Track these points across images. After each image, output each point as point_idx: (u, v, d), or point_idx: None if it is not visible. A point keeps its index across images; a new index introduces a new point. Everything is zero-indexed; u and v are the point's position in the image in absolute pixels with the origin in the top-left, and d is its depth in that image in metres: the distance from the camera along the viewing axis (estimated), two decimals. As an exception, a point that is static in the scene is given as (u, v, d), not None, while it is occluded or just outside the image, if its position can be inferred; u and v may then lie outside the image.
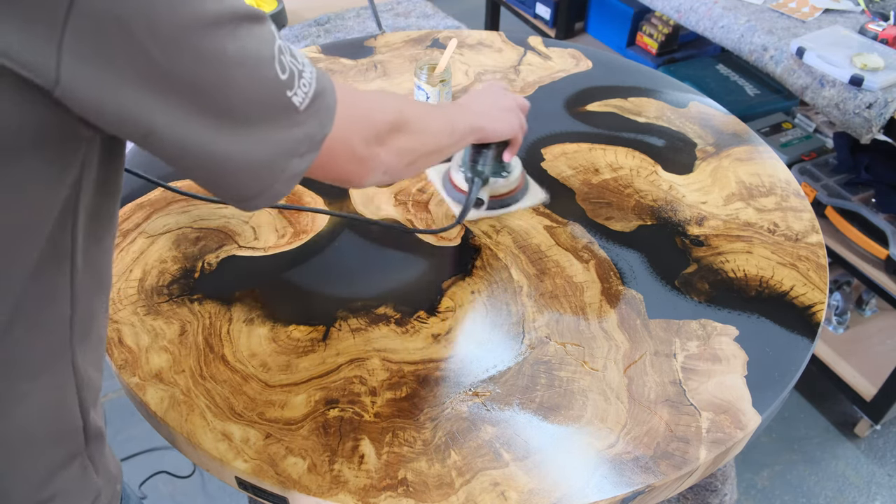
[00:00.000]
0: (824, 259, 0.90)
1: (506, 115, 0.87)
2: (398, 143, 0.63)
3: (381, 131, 0.61)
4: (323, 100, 0.52)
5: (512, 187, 0.96)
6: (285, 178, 0.51)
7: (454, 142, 0.76)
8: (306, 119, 0.50)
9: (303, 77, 0.49)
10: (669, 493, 0.71)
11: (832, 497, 1.58)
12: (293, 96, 0.48)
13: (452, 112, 0.80)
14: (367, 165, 0.60)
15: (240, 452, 0.68)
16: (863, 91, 1.29)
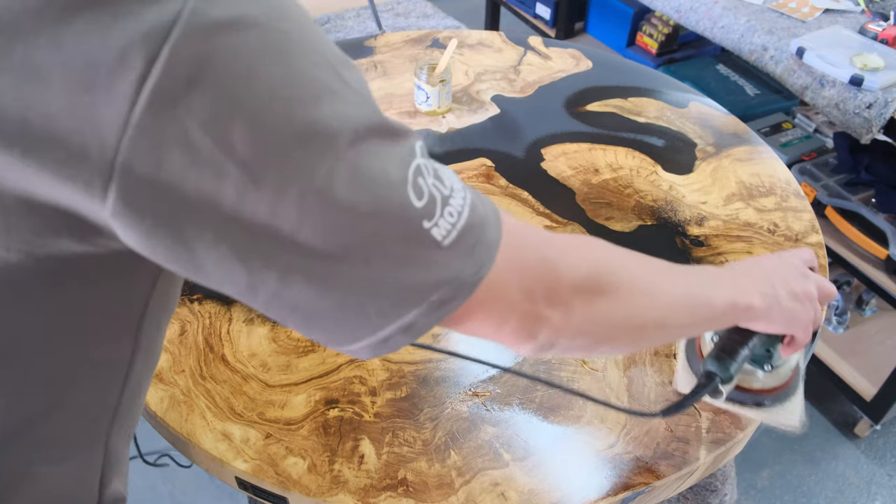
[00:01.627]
0: (824, 259, 0.90)
1: (793, 304, 0.60)
2: (586, 309, 0.46)
3: (560, 288, 0.45)
4: (479, 234, 0.40)
5: (770, 386, 0.69)
6: (409, 329, 0.39)
7: (698, 321, 0.55)
8: (451, 258, 0.39)
9: (449, 204, 0.39)
10: (669, 493, 0.71)
11: (832, 497, 1.58)
12: (433, 228, 0.38)
13: (706, 279, 0.57)
14: (531, 329, 0.44)
15: (240, 452, 0.68)
16: (863, 91, 1.29)
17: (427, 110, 1.15)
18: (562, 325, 0.45)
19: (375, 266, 0.37)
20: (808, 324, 0.62)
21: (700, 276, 0.57)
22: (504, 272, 0.42)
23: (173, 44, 0.30)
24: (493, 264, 0.41)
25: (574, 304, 0.45)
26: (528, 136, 1.11)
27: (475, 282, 0.40)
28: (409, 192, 0.37)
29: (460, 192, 0.40)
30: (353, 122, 0.35)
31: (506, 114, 1.16)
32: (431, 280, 0.38)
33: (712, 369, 0.62)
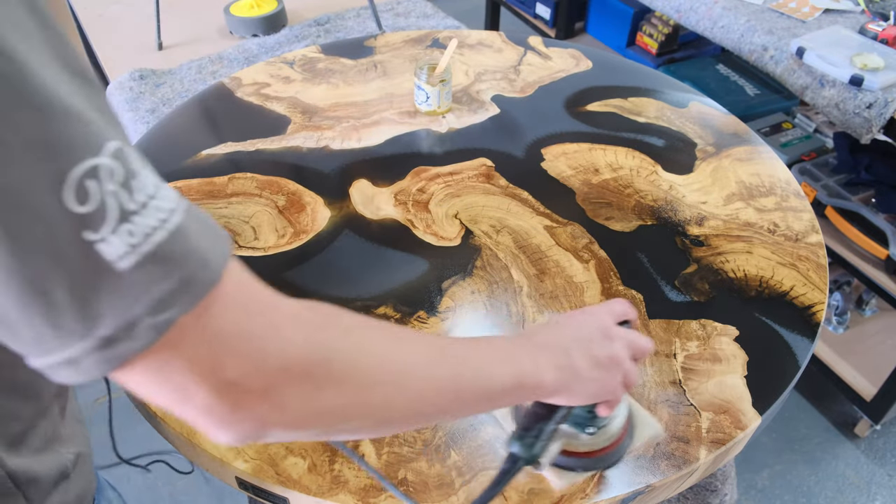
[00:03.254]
0: (824, 259, 0.90)
1: (595, 373, 0.55)
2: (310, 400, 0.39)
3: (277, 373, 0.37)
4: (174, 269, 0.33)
5: (599, 447, 0.65)
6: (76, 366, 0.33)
7: (471, 404, 0.48)
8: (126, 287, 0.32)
9: (131, 221, 0.32)
10: (669, 493, 0.71)
11: (832, 497, 1.58)
12: (99, 243, 0.31)
13: (486, 357, 0.50)
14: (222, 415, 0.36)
15: (240, 452, 0.68)
16: (863, 91, 1.29)
17: (427, 110, 1.15)
18: (269, 416, 0.37)
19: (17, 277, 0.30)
20: (617, 388, 0.57)
21: (480, 353, 0.50)
22: (201, 332, 0.34)
23: None
24: (186, 314, 0.33)
25: (288, 394, 0.37)
26: (528, 136, 1.11)
27: (156, 328, 0.33)
28: (65, 191, 0.30)
29: (161, 212, 0.33)
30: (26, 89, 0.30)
31: (506, 114, 1.16)
32: (97, 308, 0.32)
33: (515, 451, 0.56)
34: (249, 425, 0.37)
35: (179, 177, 1.02)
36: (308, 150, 1.08)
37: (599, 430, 0.64)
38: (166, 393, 0.35)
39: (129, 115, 1.40)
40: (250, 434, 0.38)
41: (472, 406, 0.49)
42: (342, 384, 0.39)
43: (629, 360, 0.58)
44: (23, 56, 0.30)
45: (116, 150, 0.32)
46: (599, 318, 0.58)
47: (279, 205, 0.97)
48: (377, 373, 0.42)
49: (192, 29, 1.70)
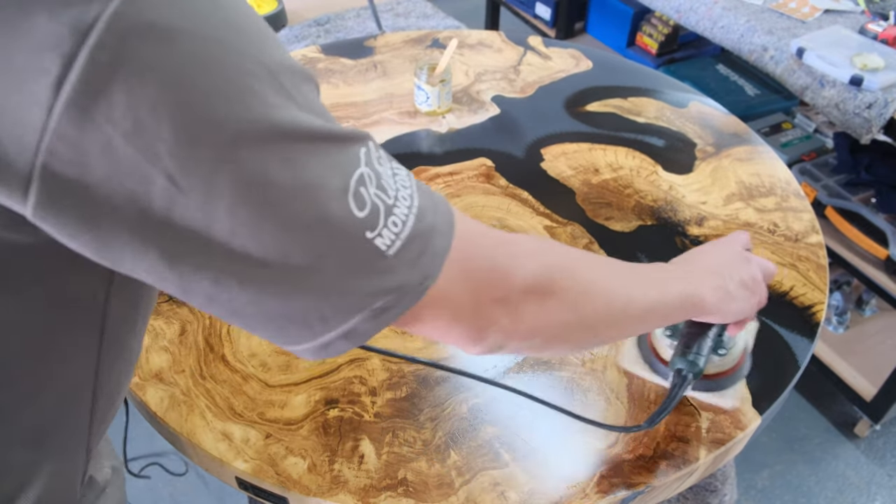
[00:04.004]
0: (824, 259, 0.90)
1: (743, 292, 0.62)
2: (537, 311, 0.46)
3: (510, 291, 0.44)
4: (426, 243, 0.39)
5: (727, 367, 0.73)
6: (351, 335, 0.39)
7: (651, 318, 0.55)
8: (395, 266, 0.38)
9: (393, 214, 0.38)
10: (669, 493, 0.71)
11: (832, 497, 1.58)
12: (376, 238, 0.37)
13: (657, 276, 0.57)
14: (480, 333, 0.44)
15: (240, 452, 0.68)
16: (863, 91, 1.29)
17: (427, 110, 1.15)
18: (511, 327, 0.45)
19: (315, 275, 0.36)
20: (754, 307, 0.65)
21: (652, 273, 0.57)
22: (452, 279, 0.41)
23: (91, 48, 0.29)
24: (440, 273, 0.40)
25: (524, 307, 0.45)
26: (528, 136, 1.11)
27: (421, 290, 0.40)
28: (350, 203, 0.36)
29: (405, 200, 0.39)
30: (288, 128, 0.34)
31: (506, 114, 1.16)
32: (374, 288, 0.38)
33: (682, 367, 0.64)
34: (495, 338, 0.45)
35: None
36: (308, 150, 1.08)
37: (728, 351, 0.71)
38: (434, 329, 0.44)
39: (129, 115, 1.40)
40: (496, 346, 0.46)
41: (650, 322, 0.56)
42: (563, 296, 0.47)
43: (763, 282, 0.66)
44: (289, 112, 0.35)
45: (366, 156, 0.38)
46: (736, 246, 0.66)
47: (279, 205, 0.97)
48: (588, 286, 0.49)
49: (192, 29, 1.70)
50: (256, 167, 0.33)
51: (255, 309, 0.37)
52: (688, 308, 0.58)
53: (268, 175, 0.33)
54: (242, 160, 0.33)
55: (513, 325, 0.45)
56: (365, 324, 0.39)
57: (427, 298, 0.41)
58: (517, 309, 0.45)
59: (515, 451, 0.68)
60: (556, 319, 0.47)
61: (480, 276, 0.43)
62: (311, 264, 0.36)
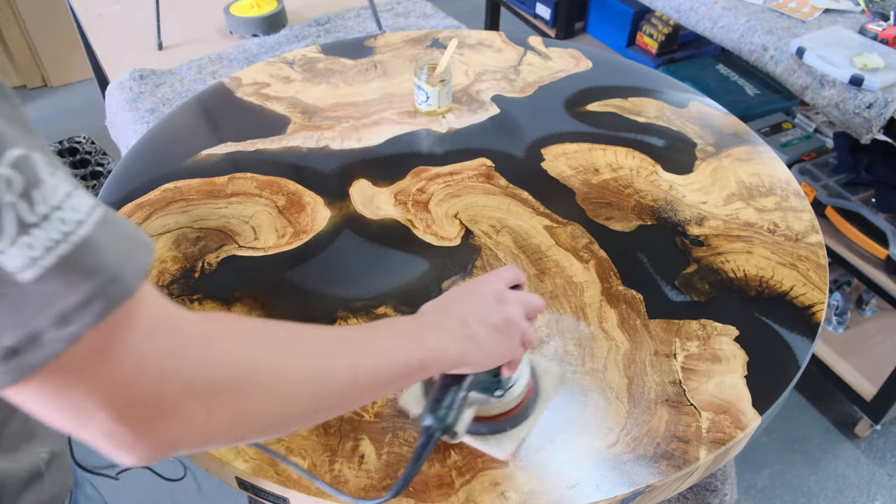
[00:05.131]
0: (824, 259, 0.90)
1: (494, 336, 0.58)
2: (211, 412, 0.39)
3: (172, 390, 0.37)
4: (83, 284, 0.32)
5: (509, 407, 0.68)
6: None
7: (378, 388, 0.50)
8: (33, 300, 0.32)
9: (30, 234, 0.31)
10: (669, 493, 0.71)
11: (832, 497, 1.58)
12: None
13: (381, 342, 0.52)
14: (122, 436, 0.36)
15: (240, 452, 0.68)
16: (863, 91, 1.29)
17: (427, 110, 1.15)
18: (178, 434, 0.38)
19: None
20: (516, 348, 0.60)
21: (381, 338, 0.52)
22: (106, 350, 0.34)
23: None
24: (92, 328, 0.33)
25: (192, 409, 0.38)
26: (528, 136, 1.11)
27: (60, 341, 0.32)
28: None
29: (66, 225, 0.32)
30: None
31: (506, 114, 1.16)
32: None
33: (429, 423, 0.59)
34: (155, 446, 0.37)
35: (179, 177, 1.02)
36: (308, 150, 1.08)
37: (507, 392, 0.66)
38: (66, 413, 0.35)
39: (129, 115, 1.40)
40: (156, 454, 0.38)
41: (380, 390, 0.50)
42: (244, 394, 0.40)
43: (524, 320, 0.61)
44: None
45: (18, 159, 0.32)
46: (491, 285, 0.61)
47: (279, 205, 0.97)
48: (278, 378, 0.42)
49: (192, 29, 1.70)
50: None
51: None
52: (428, 368, 0.53)
53: None
54: None
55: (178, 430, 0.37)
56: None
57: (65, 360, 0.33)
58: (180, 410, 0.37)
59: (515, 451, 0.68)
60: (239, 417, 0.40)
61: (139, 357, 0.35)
62: None
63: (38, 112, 2.78)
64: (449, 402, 0.59)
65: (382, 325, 0.55)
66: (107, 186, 1.01)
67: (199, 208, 0.96)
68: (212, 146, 1.09)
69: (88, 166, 1.98)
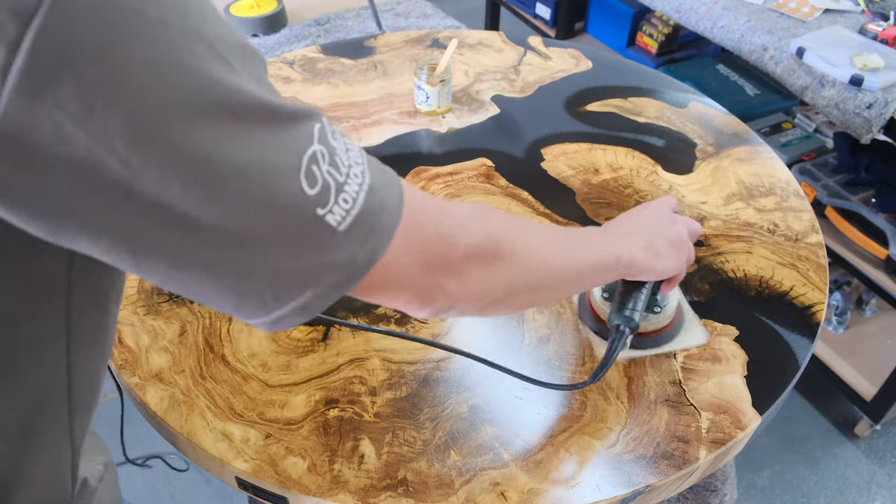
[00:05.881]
0: (824, 259, 0.90)
1: (670, 251, 0.67)
2: (481, 276, 0.49)
3: (456, 259, 0.47)
4: (375, 219, 0.41)
5: (663, 325, 0.77)
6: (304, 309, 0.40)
7: (586, 278, 0.60)
8: (345, 242, 0.39)
9: (344, 191, 0.39)
10: (669, 493, 0.71)
11: (832, 497, 1.58)
12: (327, 214, 0.38)
13: (589, 239, 0.62)
14: (429, 298, 0.47)
15: (240, 452, 0.68)
16: (863, 91, 1.29)
17: (427, 110, 1.15)
18: (458, 292, 0.48)
19: (268, 251, 0.37)
20: (683, 264, 0.69)
21: (585, 237, 0.63)
22: (401, 251, 0.43)
23: (35, 33, 0.29)
24: (388, 247, 0.42)
25: (470, 272, 0.48)
26: (528, 136, 1.11)
27: (369, 264, 0.41)
28: (302, 180, 0.37)
29: (357, 178, 0.40)
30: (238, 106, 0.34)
31: (506, 114, 1.16)
32: (326, 263, 0.39)
33: (619, 322, 0.69)
34: (443, 302, 0.48)
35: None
36: (308, 150, 1.08)
37: (663, 309, 0.75)
38: (384, 297, 0.46)
39: (129, 115, 1.40)
40: (443, 309, 0.49)
41: (590, 280, 0.61)
42: (506, 259, 0.50)
43: (689, 240, 0.70)
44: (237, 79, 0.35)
45: (319, 132, 0.39)
46: (663, 208, 0.71)
47: (279, 205, 0.97)
48: (530, 250, 0.53)
49: (192, 29, 1.70)
50: (209, 146, 0.33)
51: (209, 285, 0.38)
52: (620, 267, 0.62)
53: (220, 153, 0.34)
54: (194, 140, 0.33)
55: (459, 290, 0.48)
56: (317, 299, 0.40)
57: (377, 270, 0.42)
58: (463, 274, 0.48)
59: (515, 451, 0.68)
60: (500, 282, 0.51)
61: (427, 246, 0.45)
62: (263, 241, 0.37)
63: (38, 112, 2.78)
64: (633, 305, 0.69)
65: (586, 230, 0.69)
66: (107, 186, 1.01)
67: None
68: (212, 146, 1.09)
69: (88, 166, 1.98)
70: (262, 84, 0.37)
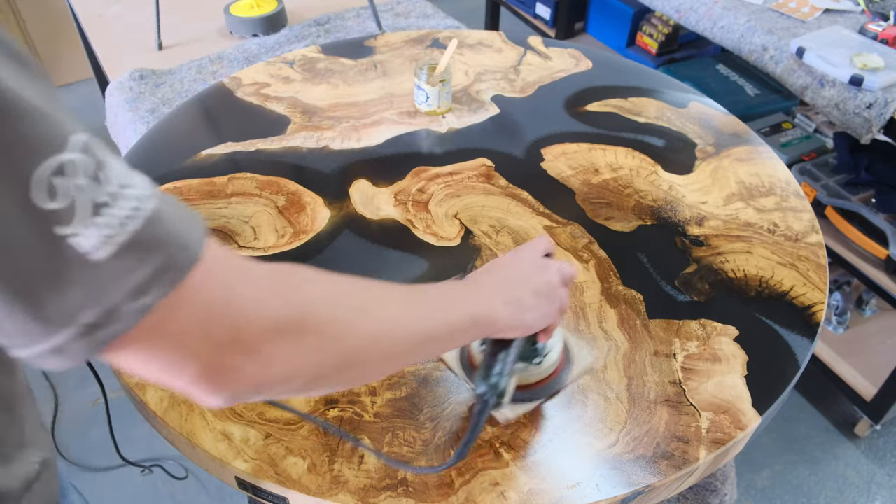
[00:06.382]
0: (824, 259, 0.90)
1: (539, 302, 0.61)
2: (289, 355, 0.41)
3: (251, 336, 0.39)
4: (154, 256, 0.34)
5: (548, 372, 0.72)
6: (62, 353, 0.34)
7: (435, 344, 0.53)
8: (103, 276, 0.33)
9: (102, 214, 0.33)
10: (669, 493, 0.71)
11: (832, 497, 1.58)
12: (72, 237, 0.32)
13: (440, 300, 0.55)
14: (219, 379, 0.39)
15: (240, 452, 0.68)
16: (863, 91, 1.29)
17: (427, 110, 1.15)
18: (260, 374, 0.40)
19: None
20: (555, 313, 0.63)
21: (435, 297, 0.55)
22: (183, 309, 0.36)
23: None
24: (166, 296, 0.35)
25: (273, 351, 0.40)
26: (528, 136, 1.11)
27: (138, 311, 0.34)
28: (34, 189, 0.31)
29: (133, 200, 0.34)
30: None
31: (506, 114, 1.16)
32: (78, 299, 0.33)
33: (483, 391, 0.61)
34: (239, 387, 0.40)
35: (179, 177, 1.02)
36: (308, 150, 1.08)
37: (544, 359, 0.70)
38: (157, 369, 0.37)
39: (129, 115, 1.40)
40: (240, 395, 0.41)
41: (436, 347, 0.54)
42: (319, 336, 0.42)
43: (562, 286, 0.64)
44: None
45: (84, 144, 0.33)
46: (530, 254, 0.64)
47: (279, 205, 0.97)
48: (351, 319, 0.45)
49: (192, 29, 1.70)
50: None
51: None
52: (477, 329, 0.56)
53: None
54: None
55: (261, 373, 0.40)
56: (75, 343, 0.33)
57: (150, 326, 0.35)
58: (263, 354, 0.40)
59: (515, 451, 0.68)
60: (315, 360, 0.43)
61: (219, 313, 0.38)
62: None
63: (38, 112, 2.78)
64: (500, 369, 0.62)
65: (437, 286, 0.57)
66: (107, 186, 1.01)
67: (199, 208, 0.96)
68: (212, 146, 1.09)
69: (88, 166, 1.98)
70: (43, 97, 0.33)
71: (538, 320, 0.61)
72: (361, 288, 0.49)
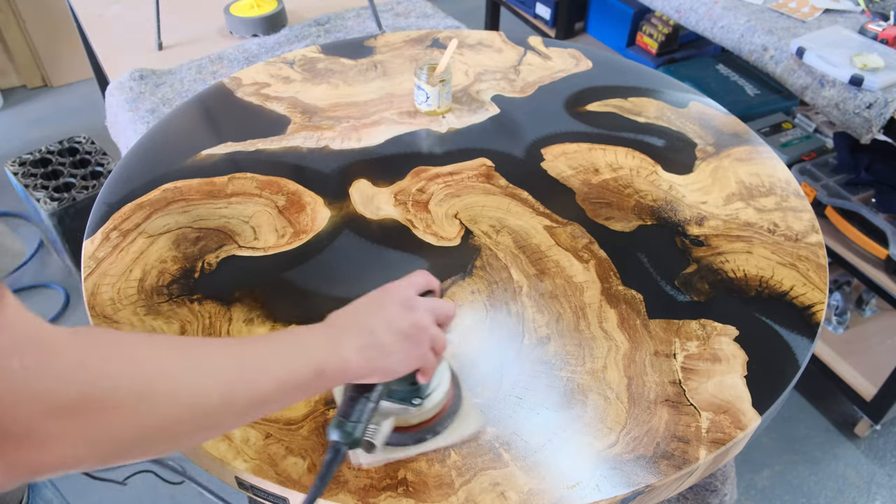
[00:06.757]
0: (824, 259, 0.90)
1: (402, 344, 0.57)
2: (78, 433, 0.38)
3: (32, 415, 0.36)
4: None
5: (431, 414, 0.67)
6: None
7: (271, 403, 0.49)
8: None
9: None
10: (669, 493, 0.71)
11: (832, 497, 1.58)
12: None
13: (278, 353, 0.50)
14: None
15: (240, 452, 0.68)
16: (863, 91, 1.29)
17: (427, 110, 1.15)
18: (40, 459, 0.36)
19: None
20: (426, 354, 0.59)
21: (272, 351, 0.50)
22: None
23: None
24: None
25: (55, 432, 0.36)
26: (528, 136, 1.11)
27: None
28: None
29: None
30: None
31: (506, 114, 1.16)
32: None
33: (336, 438, 0.56)
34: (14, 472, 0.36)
35: (179, 177, 1.02)
36: (308, 150, 1.08)
37: (426, 399, 0.65)
38: None
39: (129, 115, 1.40)
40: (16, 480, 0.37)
41: (276, 403, 0.49)
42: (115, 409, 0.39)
43: (434, 326, 0.59)
44: None
45: None
46: (399, 291, 0.60)
47: (279, 205, 0.97)
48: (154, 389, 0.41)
49: (192, 29, 1.70)
50: None
51: None
52: (327, 377, 0.52)
53: None
54: None
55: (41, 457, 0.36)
56: None
57: None
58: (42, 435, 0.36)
59: (515, 451, 0.68)
60: (112, 437, 0.39)
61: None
62: None
63: (39, 112, 2.78)
64: (357, 416, 0.57)
65: (279, 335, 0.54)
66: (107, 186, 1.01)
67: (199, 208, 0.96)
68: (212, 146, 1.09)
69: (88, 166, 1.98)
70: None
71: (402, 363, 0.57)
72: (165, 355, 0.44)
